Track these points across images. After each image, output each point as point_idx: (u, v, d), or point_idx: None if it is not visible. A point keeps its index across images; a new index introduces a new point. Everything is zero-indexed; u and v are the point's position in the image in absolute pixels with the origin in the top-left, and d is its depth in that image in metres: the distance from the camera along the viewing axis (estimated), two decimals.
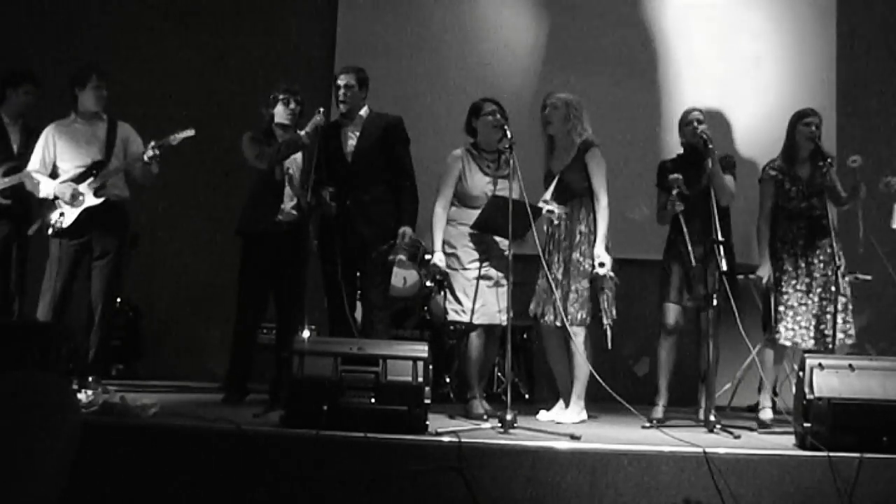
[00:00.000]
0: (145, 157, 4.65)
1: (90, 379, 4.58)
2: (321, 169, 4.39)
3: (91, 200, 4.72)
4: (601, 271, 4.28)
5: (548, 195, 4.39)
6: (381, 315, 4.56)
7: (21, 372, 1.90)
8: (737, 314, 4.36)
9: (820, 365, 3.59)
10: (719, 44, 6.38)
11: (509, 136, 4.18)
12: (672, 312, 4.56)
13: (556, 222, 4.38)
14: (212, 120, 6.30)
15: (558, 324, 4.33)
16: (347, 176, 4.49)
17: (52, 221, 4.69)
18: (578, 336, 4.31)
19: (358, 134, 4.54)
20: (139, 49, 6.33)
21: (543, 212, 4.33)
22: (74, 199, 4.70)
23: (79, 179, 4.76)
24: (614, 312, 4.36)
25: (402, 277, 5.50)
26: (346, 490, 3.17)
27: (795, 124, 4.56)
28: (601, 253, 4.30)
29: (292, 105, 4.69)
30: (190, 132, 4.69)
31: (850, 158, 4.53)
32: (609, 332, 4.33)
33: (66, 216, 4.71)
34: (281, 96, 4.70)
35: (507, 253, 4.28)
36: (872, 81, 6.44)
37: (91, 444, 2.98)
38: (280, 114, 4.71)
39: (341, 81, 4.55)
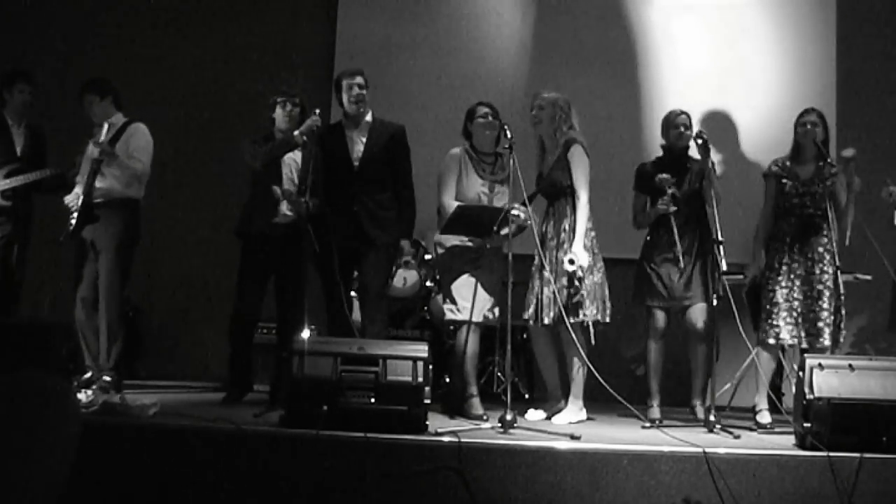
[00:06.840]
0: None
1: (109, 379, 4.56)
2: (319, 172, 4.37)
3: None
4: (569, 268, 4.21)
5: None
6: (380, 304, 4.51)
7: (21, 372, 1.90)
8: (736, 314, 4.37)
9: (820, 365, 3.59)
10: (720, 44, 6.38)
11: (509, 136, 4.16)
12: (660, 316, 4.58)
13: (524, 225, 4.28)
14: (212, 120, 6.31)
15: (545, 322, 4.33)
16: (353, 181, 4.48)
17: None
18: (568, 335, 4.27)
19: (364, 140, 4.52)
20: (138, 49, 6.32)
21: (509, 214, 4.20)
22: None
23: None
24: (585, 310, 4.27)
25: (403, 277, 5.49)
26: (346, 490, 3.17)
27: (796, 123, 4.57)
28: (577, 250, 4.25)
29: (289, 108, 4.67)
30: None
31: (844, 151, 4.54)
32: (572, 331, 4.19)
33: (72, 219, 4.68)
34: (279, 100, 4.69)
35: (487, 249, 4.26)
36: (872, 81, 6.43)
37: (91, 444, 2.99)
38: (279, 118, 4.70)
39: (359, 80, 4.50)
